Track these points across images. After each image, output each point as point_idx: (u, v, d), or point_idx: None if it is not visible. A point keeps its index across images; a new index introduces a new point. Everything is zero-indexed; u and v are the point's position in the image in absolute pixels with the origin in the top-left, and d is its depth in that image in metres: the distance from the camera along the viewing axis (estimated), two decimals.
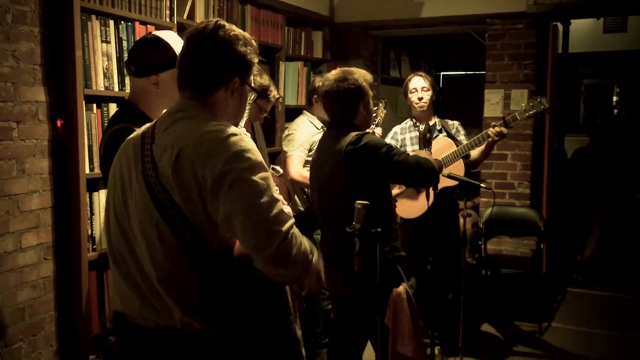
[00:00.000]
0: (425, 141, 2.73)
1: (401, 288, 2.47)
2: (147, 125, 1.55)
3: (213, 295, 1.44)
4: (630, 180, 5.45)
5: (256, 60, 1.58)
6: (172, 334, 1.44)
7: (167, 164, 1.40)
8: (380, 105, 3.15)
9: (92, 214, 2.64)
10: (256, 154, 1.41)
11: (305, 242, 1.44)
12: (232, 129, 1.43)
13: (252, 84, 1.62)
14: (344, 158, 2.41)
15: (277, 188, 1.47)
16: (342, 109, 2.52)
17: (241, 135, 1.42)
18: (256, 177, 1.37)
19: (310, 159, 3.44)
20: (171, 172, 1.39)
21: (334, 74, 2.54)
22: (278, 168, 2.58)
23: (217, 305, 1.44)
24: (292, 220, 1.41)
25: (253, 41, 1.58)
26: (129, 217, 1.49)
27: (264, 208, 1.36)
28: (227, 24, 1.53)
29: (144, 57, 1.98)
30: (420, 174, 2.38)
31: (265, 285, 1.46)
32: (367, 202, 1.99)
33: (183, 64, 1.54)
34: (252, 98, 1.75)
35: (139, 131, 1.56)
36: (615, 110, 7.95)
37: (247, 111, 2.08)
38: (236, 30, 1.54)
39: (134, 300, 1.48)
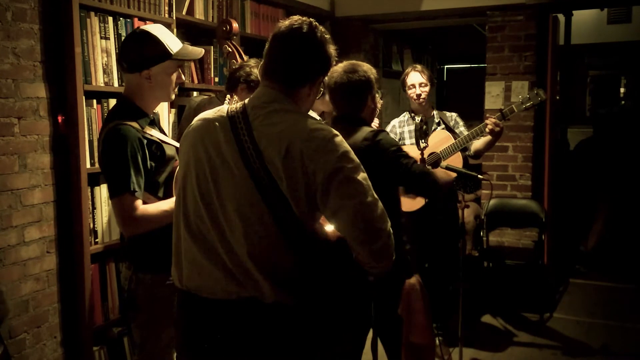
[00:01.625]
0: (420, 133, 2.75)
1: (414, 279, 2.47)
2: (230, 108, 1.61)
3: (304, 273, 1.53)
4: (633, 170, 5.44)
5: (335, 60, 1.68)
6: (255, 305, 1.51)
7: (275, 155, 1.47)
8: (377, 95, 3.15)
9: (93, 207, 2.68)
10: (354, 155, 1.53)
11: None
12: (334, 130, 1.55)
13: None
14: (359, 153, 2.37)
15: None
16: (351, 101, 2.49)
17: (341, 136, 1.54)
18: (361, 177, 1.49)
19: None
20: (280, 163, 1.47)
21: (342, 66, 2.51)
22: None
23: (307, 281, 1.53)
24: (388, 220, 1.51)
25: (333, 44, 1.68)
26: (220, 196, 1.54)
27: (372, 206, 1.48)
28: (319, 25, 1.63)
29: (135, 53, 2.00)
30: (422, 183, 2.38)
31: (358, 269, 1.57)
32: None
33: (276, 57, 1.60)
34: (320, 95, 1.85)
35: (220, 112, 1.61)
36: (623, 102, 7.90)
37: None
38: (326, 32, 1.64)
39: (216, 274, 1.53)
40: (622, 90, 8.06)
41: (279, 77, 1.59)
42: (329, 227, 1.57)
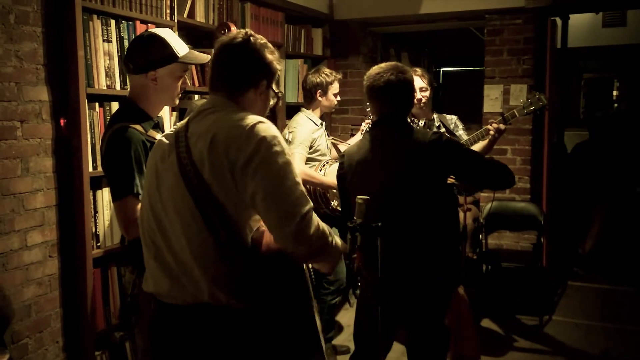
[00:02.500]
0: None
1: (461, 289, 2.42)
2: (180, 124, 1.70)
3: (236, 270, 1.55)
4: (630, 173, 5.47)
5: (280, 67, 1.75)
6: (198, 310, 1.58)
7: (203, 148, 1.54)
8: None
9: (95, 211, 2.66)
10: (282, 141, 1.56)
11: (323, 225, 1.57)
12: (261, 118, 1.60)
13: (275, 90, 1.80)
14: (427, 153, 2.29)
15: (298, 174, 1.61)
16: (403, 101, 2.42)
17: (268, 123, 1.58)
18: (280, 162, 1.52)
19: (311, 155, 3.47)
20: (207, 154, 1.53)
21: (388, 67, 2.41)
22: None
23: (240, 280, 1.56)
24: (310, 204, 1.53)
25: (277, 52, 1.75)
26: (162, 202, 1.62)
27: (286, 190, 1.50)
28: (256, 34, 1.71)
29: (142, 54, 2.01)
30: (498, 171, 2.33)
31: (288, 265, 1.59)
32: (367, 197, 1.95)
33: (216, 68, 1.70)
34: (273, 103, 1.91)
35: (171, 130, 1.72)
36: (616, 105, 7.95)
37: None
38: (264, 39, 1.72)
39: (163, 280, 1.62)
40: (615, 93, 8.11)
41: (221, 85, 1.68)
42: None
